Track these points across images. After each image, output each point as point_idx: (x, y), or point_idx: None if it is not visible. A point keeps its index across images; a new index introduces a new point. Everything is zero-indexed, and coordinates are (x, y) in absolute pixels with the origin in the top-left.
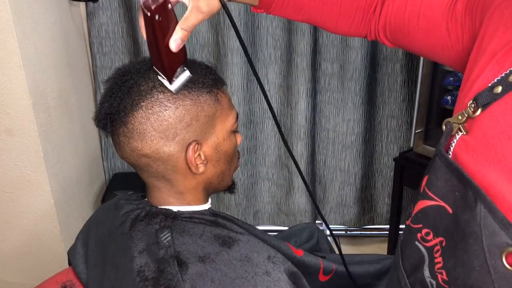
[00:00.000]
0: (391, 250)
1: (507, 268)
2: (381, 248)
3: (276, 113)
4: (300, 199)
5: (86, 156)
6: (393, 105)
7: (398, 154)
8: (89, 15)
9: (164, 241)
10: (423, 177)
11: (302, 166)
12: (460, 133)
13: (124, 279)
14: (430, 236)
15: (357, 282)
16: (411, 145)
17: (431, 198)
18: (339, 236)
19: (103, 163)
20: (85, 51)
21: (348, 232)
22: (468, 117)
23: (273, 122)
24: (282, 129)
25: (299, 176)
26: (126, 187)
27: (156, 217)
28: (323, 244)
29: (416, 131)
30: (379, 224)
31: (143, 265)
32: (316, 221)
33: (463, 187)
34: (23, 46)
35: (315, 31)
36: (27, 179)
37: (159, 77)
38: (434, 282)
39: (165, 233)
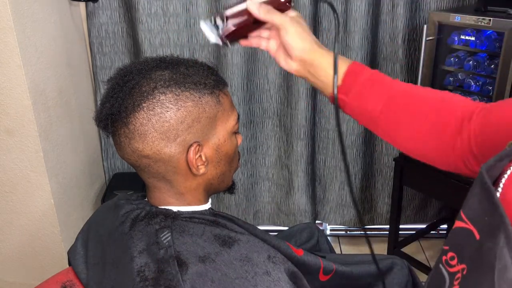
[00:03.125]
0: (391, 250)
1: None
2: (381, 248)
3: (276, 113)
4: (300, 199)
5: (86, 156)
6: None
7: (398, 154)
8: (89, 15)
9: (164, 241)
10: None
11: (302, 166)
12: None
13: (124, 279)
14: (455, 261)
15: (357, 282)
16: None
17: (462, 220)
18: (339, 236)
19: (103, 163)
20: (85, 51)
21: (348, 232)
22: None
23: (273, 122)
24: (282, 129)
25: (299, 176)
26: (126, 187)
27: (156, 217)
28: (323, 244)
29: None
30: (379, 224)
31: (143, 265)
32: (316, 221)
33: (492, 211)
34: (23, 46)
35: (315, 31)
36: (27, 179)
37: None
38: None
39: (165, 233)
